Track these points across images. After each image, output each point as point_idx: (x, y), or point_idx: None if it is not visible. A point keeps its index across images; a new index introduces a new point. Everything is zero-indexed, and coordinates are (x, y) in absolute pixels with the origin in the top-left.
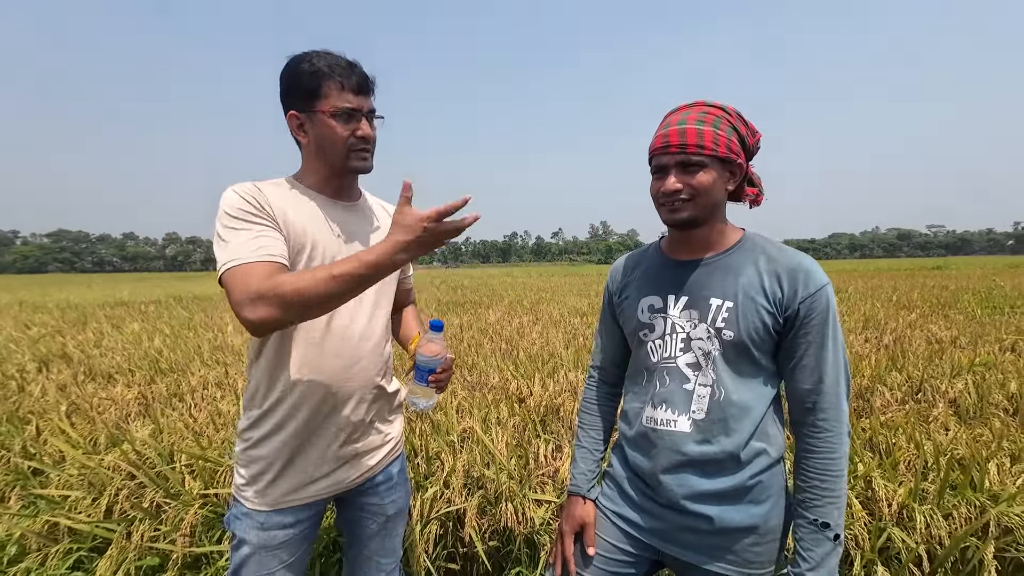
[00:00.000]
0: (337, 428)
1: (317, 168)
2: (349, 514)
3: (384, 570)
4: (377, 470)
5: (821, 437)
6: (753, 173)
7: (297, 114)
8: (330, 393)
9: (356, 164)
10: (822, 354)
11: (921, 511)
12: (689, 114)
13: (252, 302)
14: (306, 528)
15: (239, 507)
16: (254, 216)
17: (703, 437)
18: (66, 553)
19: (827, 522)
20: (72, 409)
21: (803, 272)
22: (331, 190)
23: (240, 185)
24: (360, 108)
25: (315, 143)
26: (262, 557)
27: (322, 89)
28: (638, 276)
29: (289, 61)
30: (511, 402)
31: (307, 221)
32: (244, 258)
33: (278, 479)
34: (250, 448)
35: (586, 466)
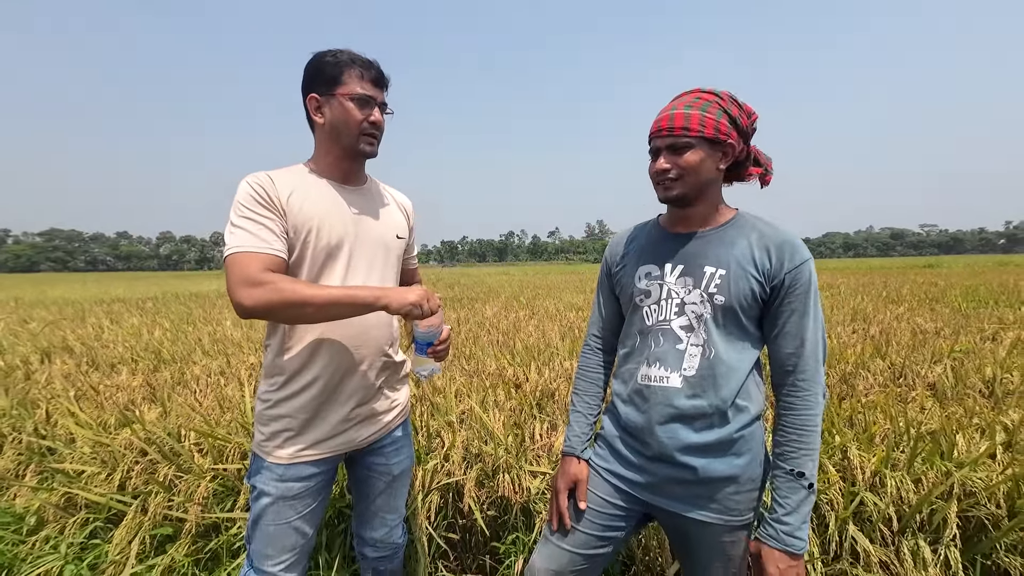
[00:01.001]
0: (350, 392)
1: (329, 149)
2: (358, 473)
3: (389, 525)
4: (384, 432)
5: (800, 396)
6: (759, 153)
7: (317, 96)
8: (344, 359)
9: (365, 147)
10: (803, 321)
11: (892, 477)
12: (682, 100)
13: (249, 286)
14: (320, 482)
15: (260, 461)
16: (262, 208)
17: (693, 392)
18: (83, 524)
19: (802, 472)
20: (79, 395)
21: (789, 246)
22: (340, 174)
23: (254, 176)
24: (375, 98)
25: (330, 124)
26: (280, 507)
27: (343, 76)
28: (636, 247)
29: (315, 54)
30: (508, 387)
31: (315, 204)
32: (249, 247)
33: (296, 436)
34: (270, 408)
35: (580, 428)
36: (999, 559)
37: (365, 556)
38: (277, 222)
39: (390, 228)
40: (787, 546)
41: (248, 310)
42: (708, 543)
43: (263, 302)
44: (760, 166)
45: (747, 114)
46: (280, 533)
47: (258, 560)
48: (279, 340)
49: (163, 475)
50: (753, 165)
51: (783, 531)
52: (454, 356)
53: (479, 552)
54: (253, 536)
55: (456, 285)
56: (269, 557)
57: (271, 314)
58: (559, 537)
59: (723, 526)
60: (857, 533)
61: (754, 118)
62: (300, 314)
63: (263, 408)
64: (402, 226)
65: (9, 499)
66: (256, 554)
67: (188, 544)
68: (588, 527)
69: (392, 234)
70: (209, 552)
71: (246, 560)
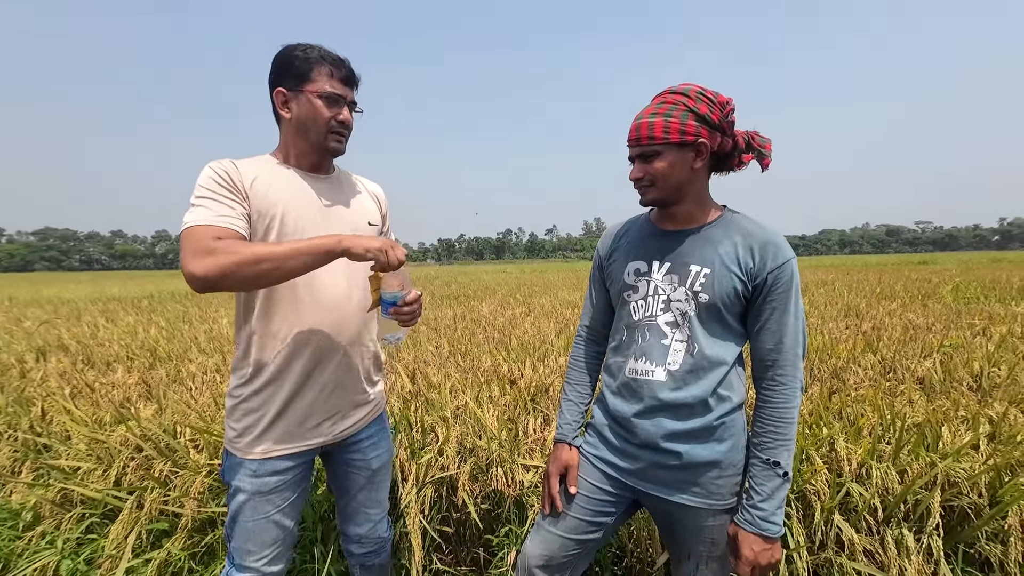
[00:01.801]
0: (323, 384)
1: (295, 143)
2: (337, 469)
3: (372, 520)
4: (360, 427)
5: (778, 390)
6: (753, 137)
7: (284, 91)
8: (317, 351)
9: (333, 145)
10: (784, 319)
11: (878, 468)
12: (648, 107)
13: (200, 255)
14: (297, 475)
15: (233, 458)
16: (223, 189)
17: (676, 386)
18: (79, 519)
19: (778, 461)
20: (75, 392)
21: (773, 246)
22: (307, 164)
23: (217, 161)
24: (345, 96)
25: (297, 119)
26: (257, 502)
27: (313, 72)
28: (626, 242)
29: (284, 47)
30: (502, 383)
31: (281, 193)
32: (205, 220)
33: (268, 431)
34: (241, 403)
35: (571, 416)
36: (980, 547)
37: (351, 553)
38: (239, 204)
39: (361, 215)
40: (762, 530)
41: (201, 279)
42: (693, 527)
43: (217, 267)
44: (753, 151)
45: (720, 106)
46: (260, 528)
47: (240, 557)
48: (248, 333)
49: (159, 471)
50: (745, 152)
51: (758, 516)
52: (450, 353)
53: (473, 545)
54: (233, 534)
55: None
56: (251, 553)
57: (228, 280)
58: (551, 523)
59: (707, 510)
60: (843, 523)
61: (728, 109)
62: (259, 273)
63: (233, 403)
64: (374, 213)
65: (5, 495)
66: (237, 551)
67: (184, 539)
68: (579, 512)
69: (363, 221)
70: (205, 546)
71: (227, 559)
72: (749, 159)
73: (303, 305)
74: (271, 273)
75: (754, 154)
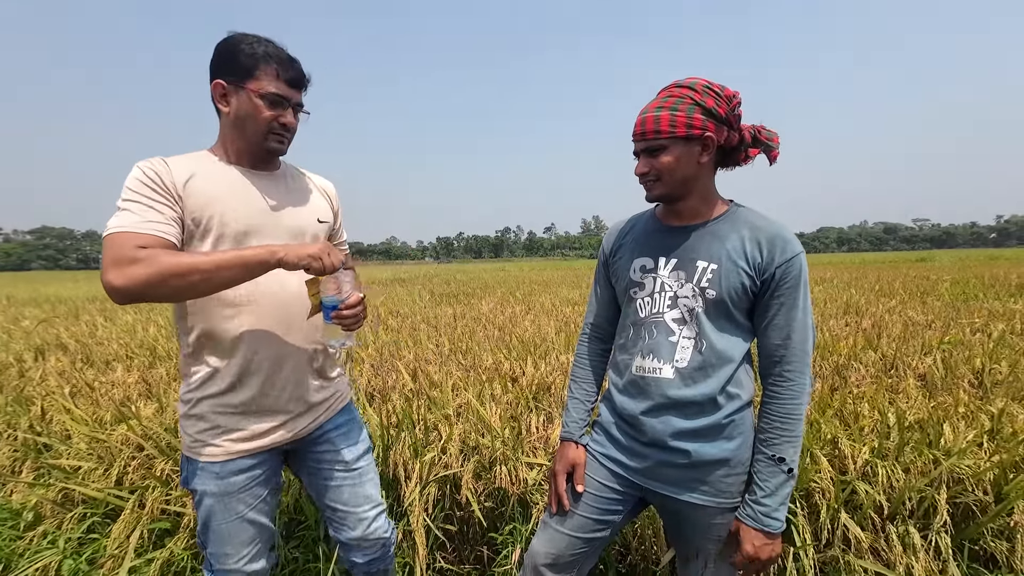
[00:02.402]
0: (278, 385)
1: (233, 138)
2: (309, 469)
3: (365, 518)
4: (324, 419)
5: (785, 386)
6: (759, 131)
7: (223, 83)
8: (269, 352)
9: (272, 146)
10: (792, 314)
11: (883, 466)
12: (653, 101)
13: (122, 264)
14: (265, 473)
15: (193, 464)
16: (153, 192)
17: (685, 383)
18: (81, 519)
19: (783, 457)
20: (74, 392)
21: (781, 240)
22: (248, 161)
23: (147, 161)
24: (289, 98)
25: (235, 115)
26: (227, 503)
27: (257, 71)
28: (632, 239)
29: (231, 36)
30: (504, 381)
31: (218, 189)
32: (130, 227)
33: (224, 434)
34: (194, 407)
35: (578, 415)
36: (986, 544)
37: (355, 564)
38: (168, 208)
39: (310, 212)
40: (764, 526)
41: (122, 291)
42: (701, 525)
43: (138, 279)
44: (760, 144)
45: (726, 99)
46: (234, 529)
47: (218, 561)
48: (194, 334)
49: (160, 470)
50: (752, 146)
51: (761, 512)
52: (451, 351)
53: (477, 543)
54: (207, 540)
55: (452, 281)
56: (228, 555)
57: (150, 291)
58: (558, 521)
59: (715, 508)
60: (848, 520)
61: (735, 103)
62: (186, 285)
63: (187, 409)
64: (324, 209)
65: (6, 495)
66: (214, 556)
67: (187, 538)
68: (586, 511)
69: (312, 218)
70: None
71: (204, 568)
72: (756, 153)
73: (245, 308)
74: (198, 286)
75: (761, 148)
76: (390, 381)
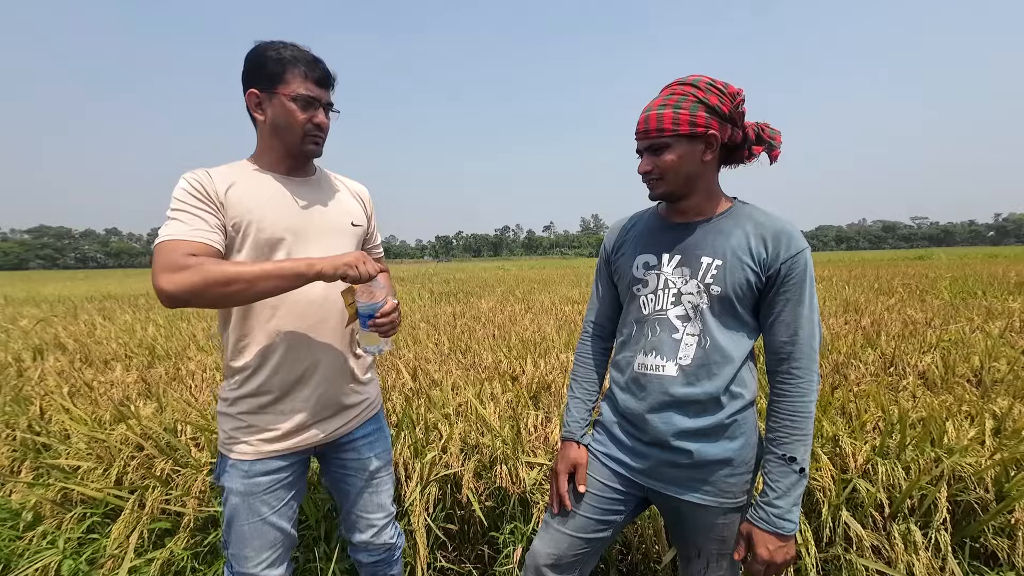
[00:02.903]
0: (312, 387)
1: (272, 145)
2: (334, 473)
3: (376, 525)
4: (354, 425)
5: (793, 383)
6: (763, 128)
7: (257, 92)
8: (303, 353)
9: (309, 148)
10: (798, 310)
11: (884, 464)
12: (658, 98)
13: (171, 271)
14: (291, 476)
15: (225, 460)
16: (198, 202)
17: (688, 381)
18: (80, 519)
19: (794, 456)
20: (73, 391)
21: (786, 236)
22: (285, 168)
23: (191, 172)
24: (319, 98)
25: (271, 122)
26: (251, 504)
27: (286, 75)
28: (634, 236)
29: (257, 45)
30: (504, 380)
31: (256, 197)
32: (180, 235)
33: (258, 432)
34: (231, 405)
35: (579, 414)
36: (987, 542)
37: (361, 563)
38: (213, 215)
39: (343, 216)
40: (777, 528)
41: (171, 295)
42: (703, 526)
43: (186, 285)
44: (764, 143)
45: (730, 96)
46: (255, 532)
47: (238, 563)
48: (234, 337)
49: (160, 469)
50: (755, 144)
51: (773, 514)
52: (450, 350)
53: (477, 542)
54: (229, 539)
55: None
56: (248, 558)
57: (197, 298)
58: (560, 522)
59: (718, 508)
60: (850, 519)
61: (739, 100)
62: (228, 293)
63: (224, 406)
64: (358, 213)
65: (5, 495)
66: (235, 558)
67: (187, 538)
68: (588, 511)
69: (346, 222)
70: (208, 545)
71: (225, 567)
72: (760, 151)
73: (284, 307)
74: (240, 295)
75: (764, 146)
76: (390, 380)
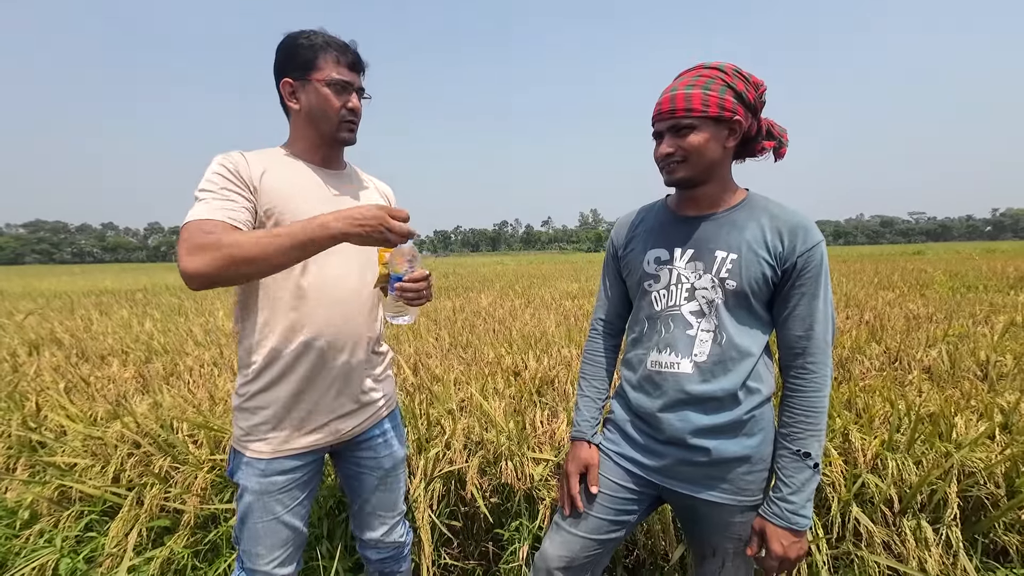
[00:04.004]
0: (330, 381)
1: (306, 135)
2: (348, 470)
3: (387, 523)
4: (370, 424)
5: (808, 379)
6: (773, 125)
7: (291, 81)
8: (324, 347)
9: (344, 135)
10: (814, 304)
11: (893, 459)
12: (683, 79)
13: (193, 251)
14: (306, 475)
15: (240, 457)
16: (229, 183)
17: (704, 378)
18: (78, 517)
19: (808, 452)
20: (69, 387)
21: (802, 229)
22: (319, 158)
23: (226, 154)
24: (352, 83)
25: (306, 110)
26: (265, 503)
27: (318, 60)
28: (644, 230)
29: (288, 35)
30: (506, 375)
31: (291, 184)
32: (205, 215)
33: (275, 429)
34: (248, 401)
35: (589, 413)
36: (998, 537)
37: (369, 559)
38: (244, 198)
39: None
40: (791, 524)
41: (195, 276)
42: (720, 524)
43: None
44: (774, 139)
45: (754, 86)
46: (268, 530)
47: (249, 560)
48: (252, 329)
49: (158, 467)
50: (766, 139)
51: (787, 509)
52: (451, 345)
53: (482, 539)
54: (241, 536)
55: (451, 274)
56: (260, 556)
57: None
58: (571, 523)
59: (735, 506)
60: (860, 514)
61: (762, 90)
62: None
63: (241, 402)
64: None
65: (0, 493)
66: (246, 554)
67: (187, 536)
68: (601, 512)
69: None
70: (208, 543)
71: (236, 562)
72: (771, 146)
73: (309, 300)
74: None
75: (774, 142)
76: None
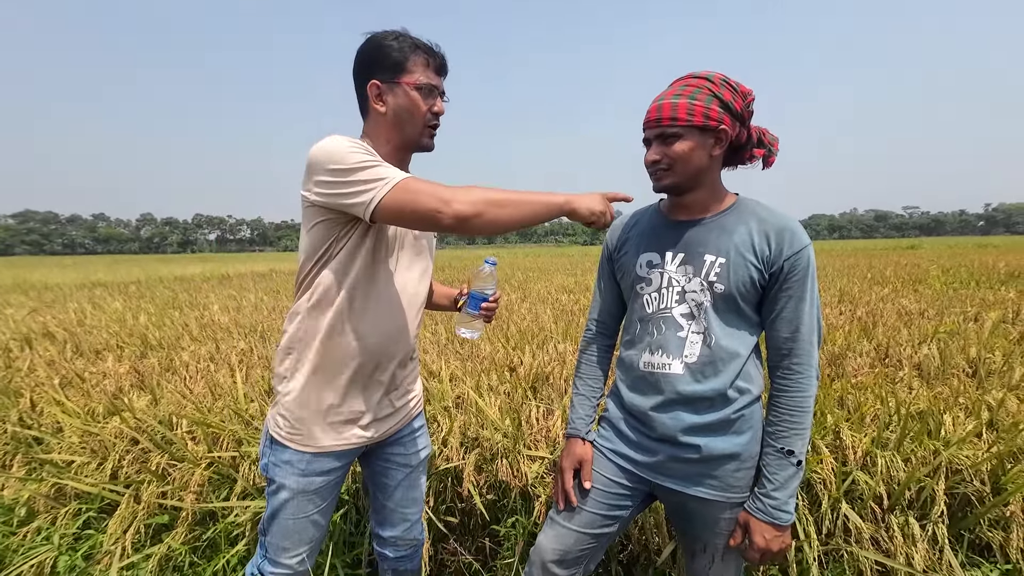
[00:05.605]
0: (380, 382)
1: (389, 138)
2: (376, 465)
3: (409, 520)
4: (405, 422)
5: (793, 379)
6: (764, 133)
7: (379, 83)
8: (381, 350)
9: (426, 141)
10: (800, 307)
11: (882, 456)
12: (672, 88)
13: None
14: (339, 476)
15: (281, 452)
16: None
17: (695, 378)
18: (75, 514)
19: (792, 450)
20: (64, 382)
21: (789, 233)
22: (396, 163)
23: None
24: (439, 87)
25: (394, 113)
26: (300, 502)
27: (409, 63)
28: (636, 234)
29: (373, 36)
30: (502, 371)
31: None
32: (404, 175)
33: (322, 426)
34: (296, 396)
35: (584, 411)
36: (982, 534)
37: (385, 557)
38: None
39: None
40: (774, 519)
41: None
42: (709, 519)
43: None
44: (764, 147)
45: (742, 95)
46: (299, 527)
47: (275, 552)
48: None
49: (156, 464)
50: (756, 147)
51: (771, 505)
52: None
53: (478, 535)
54: (270, 529)
55: (447, 267)
56: (287, 550)
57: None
58: (566, 518)
59: (724, 503)
60: (849, 511)
61: (750, 99)
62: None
63: (286, 395)
64: None
65: None
66: (272, 546)
67: (185, 532)
68: (594, 507)
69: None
70: (207, 540)
71: (259, 550)
72: (761, 154)
73: (379, 304)
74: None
75: (764, 150)
76: None
